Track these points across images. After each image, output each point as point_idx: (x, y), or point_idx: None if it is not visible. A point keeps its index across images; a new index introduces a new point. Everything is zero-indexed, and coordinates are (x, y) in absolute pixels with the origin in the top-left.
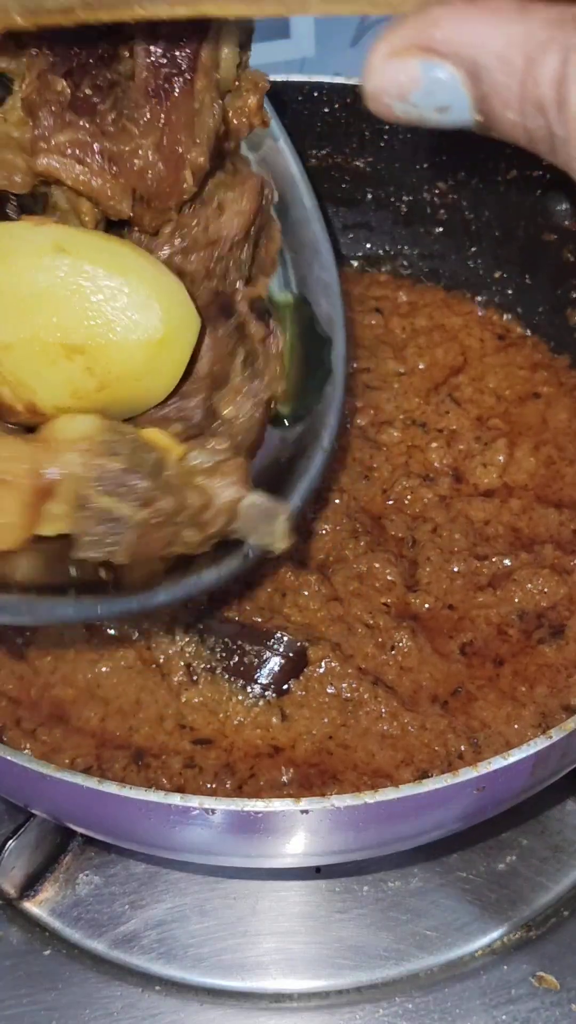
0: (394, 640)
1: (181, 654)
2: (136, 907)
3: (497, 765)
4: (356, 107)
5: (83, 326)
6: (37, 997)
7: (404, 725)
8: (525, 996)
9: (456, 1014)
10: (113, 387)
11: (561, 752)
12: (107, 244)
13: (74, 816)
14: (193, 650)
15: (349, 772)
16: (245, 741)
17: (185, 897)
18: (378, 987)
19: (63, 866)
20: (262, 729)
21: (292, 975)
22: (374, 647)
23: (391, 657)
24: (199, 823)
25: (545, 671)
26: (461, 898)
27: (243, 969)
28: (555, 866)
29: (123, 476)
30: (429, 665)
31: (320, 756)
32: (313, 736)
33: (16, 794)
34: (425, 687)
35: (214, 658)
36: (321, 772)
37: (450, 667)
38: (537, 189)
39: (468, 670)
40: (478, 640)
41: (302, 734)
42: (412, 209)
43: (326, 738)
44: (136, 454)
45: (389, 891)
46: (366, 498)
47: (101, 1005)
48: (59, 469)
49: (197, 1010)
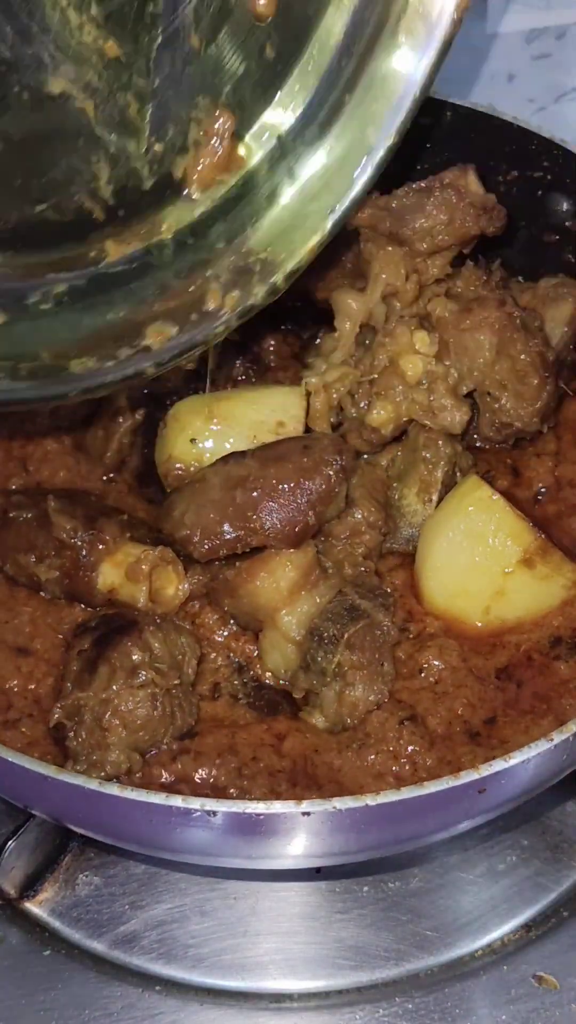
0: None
1: (215, 672)
2: (136, 907)
3: (498, 767)
4: None
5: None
6: (37, 997)
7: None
8: (525, 996)
9: (456, 1014)
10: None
11: (562, 754)
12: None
13: (74, 817)
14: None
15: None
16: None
17: (185, 897)
18: (378, 987)
19: (63, 866)
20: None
21: (292, 975)
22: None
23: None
24: (200, 825)
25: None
26: (461, 898)
27: (243, 969)
28: (555, 866)
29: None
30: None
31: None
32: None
33: (16, 794)
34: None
35: (244, 690)
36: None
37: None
38: (538, 189)
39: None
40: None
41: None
42: None
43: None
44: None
45: (389, 891)
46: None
47: (101, 1005)
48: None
49: (197, 1010)
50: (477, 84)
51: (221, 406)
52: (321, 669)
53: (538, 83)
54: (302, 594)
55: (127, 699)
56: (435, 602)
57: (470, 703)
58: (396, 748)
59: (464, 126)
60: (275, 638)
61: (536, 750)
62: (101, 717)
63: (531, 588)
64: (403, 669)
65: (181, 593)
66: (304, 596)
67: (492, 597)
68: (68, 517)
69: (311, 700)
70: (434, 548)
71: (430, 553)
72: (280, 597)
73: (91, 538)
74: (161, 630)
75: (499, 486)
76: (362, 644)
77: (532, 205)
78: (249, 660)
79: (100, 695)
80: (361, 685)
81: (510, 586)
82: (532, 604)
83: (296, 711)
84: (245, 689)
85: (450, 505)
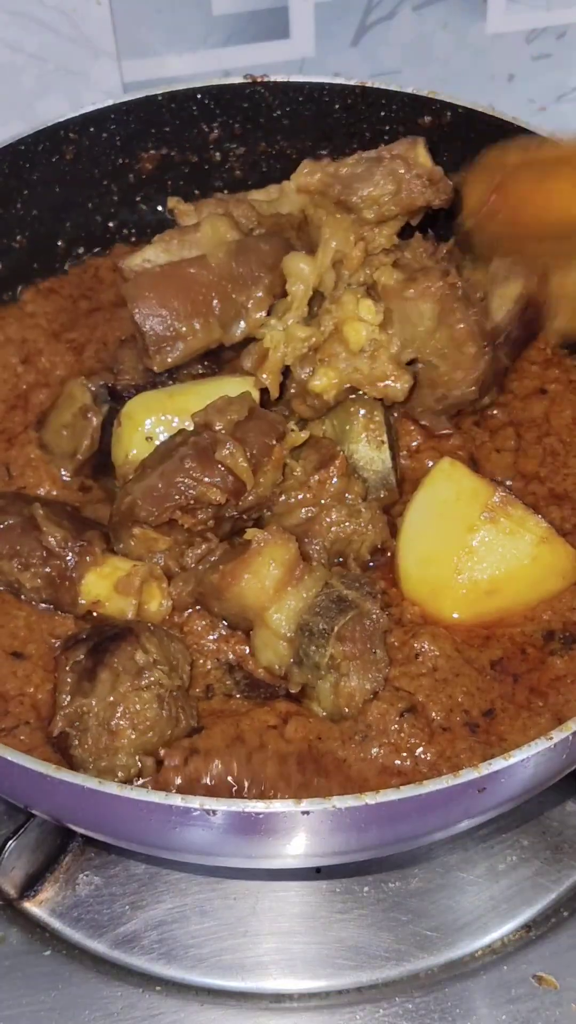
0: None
1: (206, 676)
2: (136, 907)
3: (498, 766)
4: (356, 107)
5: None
6: (37, 997)
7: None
8: (525, 996)
9: (456, 1014)
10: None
11: (562, 753)
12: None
13: (74, 817)
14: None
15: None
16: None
17: (185, 897)
18: (378, 987)
19: (63, 866)
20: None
21: (292, 975)
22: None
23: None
24: (200, 824)
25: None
26: (461, 898)
27: (243, 969)
28: (555, 866)
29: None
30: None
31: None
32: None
33: (16, 794)
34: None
35: (237, 688)
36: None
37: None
38: None
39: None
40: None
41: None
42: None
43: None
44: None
45: (389, 891)
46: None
47: (101, 1006)
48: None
49: (197, 1010)
50: (477, 84)
51: (175, 400)
52: (315, 663)
53: (538, 83)
54: (288, 590)
55: (134, 700)
56: (410, 575)
57: (469, 692)
58: (397, 741)
59: (464, 126)
60: (266, 636)
61: (536, 749)
62: (108, 720)
63: (500, 544)
64: (398, 655)
65: (164, 608)
66: (291, 592)
67: (463, 556)
68: (57, 526)
69: (308, 694)
70: (406, 525)
71: (404, 532)
72: (267, 596)
73: (80, 549)
74: (155, 636)
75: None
76: (353, 635)
77: None
78: (241, 659)
79: (106, 699)
80: (356, 675)
81: (479, 544)
82: (503, 563)
83: (293, 699)
84: (239, 687)
85: (420, 488)
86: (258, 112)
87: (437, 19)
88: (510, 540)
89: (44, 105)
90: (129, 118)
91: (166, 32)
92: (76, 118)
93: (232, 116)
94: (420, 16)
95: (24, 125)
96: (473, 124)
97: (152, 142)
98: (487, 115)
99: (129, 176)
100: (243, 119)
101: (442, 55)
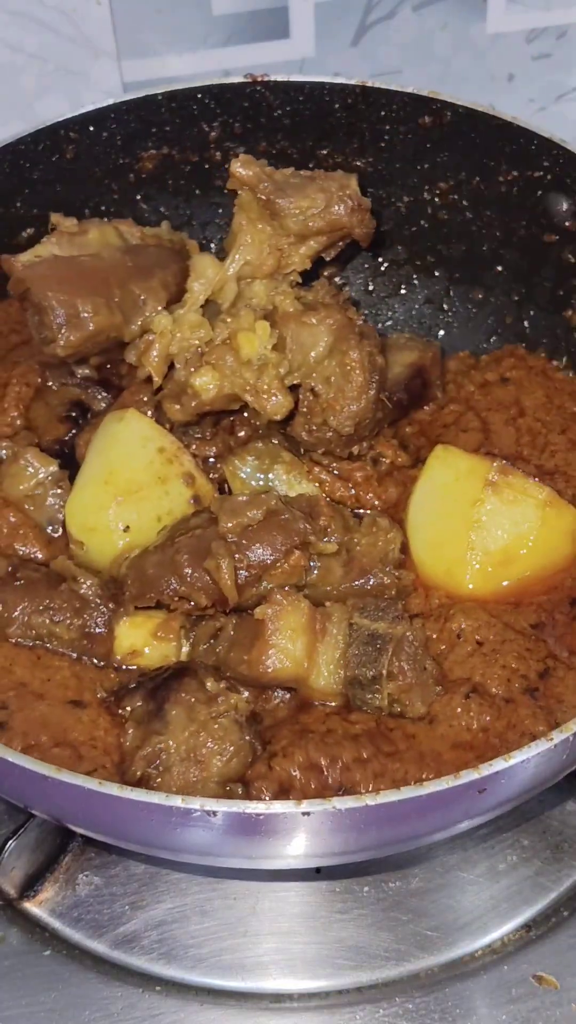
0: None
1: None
2: (136, 907)
3: (498, 767)
4: (356, 107)
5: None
6: (37, 998)
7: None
8: (525, 996)
9: (456, 1014)
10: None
11: (562, 754)
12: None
13: (74, 817)
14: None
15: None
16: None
17: (185, 897)
18: (378, 987)
19: (63, 866)
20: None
21: (292, 975)
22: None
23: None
24: (200, 825)
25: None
26: (461, 898)
27: (243, 969)
28: (555, 866)
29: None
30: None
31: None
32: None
33: (16, 795)
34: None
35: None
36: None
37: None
38: (537, 190)
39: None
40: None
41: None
42: (412, 209)
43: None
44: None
45: (389, 891)
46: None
47: (101, 1006)
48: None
49: (197, 1010)
50: (477, 84)
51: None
52: (377, 707)
53: (538, 83)
54: (318, 648)
55: (214, 727)
56: (424, 561)
57: (520, 655)
58: (467, 722)
59: (464, 126)
60: (320, 695)
61: (536, 750)
62: (193, 751)
63: (506, 512)
64: (441, 646)
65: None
66: (321, 649)
67: (472, 531)
68: (91, 573)
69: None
70: (411, 515)
71: (411, 522)
72: (302, 668)
73: (113, 596)
74: (210, 671)
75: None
76: (401, 668)
77: (532, 205)
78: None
79: (184, 732)
80: (418, 699)
81: (486, 517)
82: (513, 529)
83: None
84: (287, 705)
85: (419, 478)
86: (258, 112)
87: (437, 19)
88: (515, 507)
89: (44, 105)
90: (129, 118)
91: (166, 32)
92: (76, 118)
93: (232, 116)
94: (420, 16)
95: (24, 125)
96: (473, 124)
97: (152, 142)
98: (487, 115)
99: (129, 175)
100: (243, 119)
101: (442, 55)
